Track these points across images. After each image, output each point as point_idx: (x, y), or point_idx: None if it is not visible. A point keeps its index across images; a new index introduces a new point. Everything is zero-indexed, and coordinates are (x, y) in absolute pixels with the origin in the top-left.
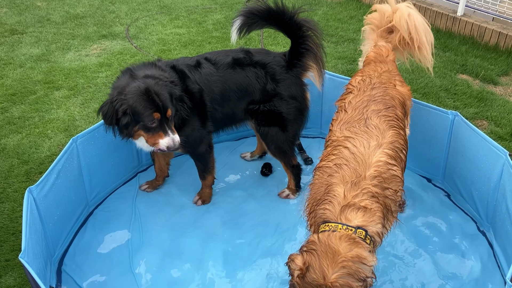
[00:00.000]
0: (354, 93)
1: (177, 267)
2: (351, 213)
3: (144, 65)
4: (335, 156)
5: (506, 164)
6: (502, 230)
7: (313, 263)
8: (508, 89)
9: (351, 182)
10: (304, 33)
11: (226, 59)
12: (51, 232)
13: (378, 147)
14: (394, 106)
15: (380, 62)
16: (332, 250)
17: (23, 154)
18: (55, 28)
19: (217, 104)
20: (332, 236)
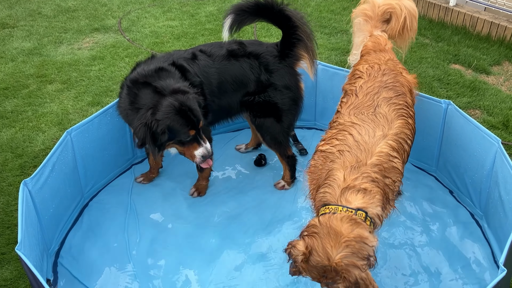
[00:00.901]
0: (364, 78)
1: (173, 257)
2: (351, 195)
3: (155, 72)
4: (338, 142)
5: (499, 151)
6: (495, 216)
7: (316, 246)
8: (500, 78)
9: (351, 167)
10: (294, 23)
11: (221, 51)
12: (47, 224)
13: (383, 137)
14: (404, 94)
15: (380, 51)
16: (334, 231)
17: (16, 148)
18: (47, 21)
19: (215, 96)
20: (333, 218)
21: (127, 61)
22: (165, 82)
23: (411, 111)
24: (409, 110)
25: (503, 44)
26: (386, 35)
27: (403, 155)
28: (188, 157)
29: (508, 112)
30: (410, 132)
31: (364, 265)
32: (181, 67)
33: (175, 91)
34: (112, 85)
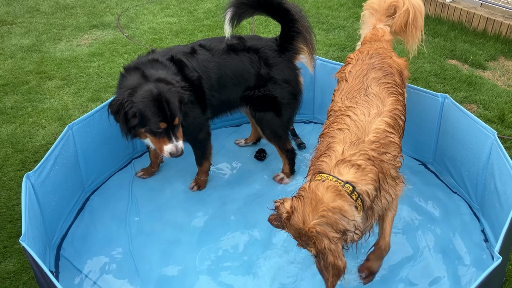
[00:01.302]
0: (352, 63)
1: (174, 250)
2: (344, 168)
3: (149, 62)
4: (337, 123)
5: (494, 143)
6: (490, 207)
7: (298, 207)
8: (496, 73)
9: (350, 142)
10: (293, 17)
11: (221, 45)
12: (49, 217)
13: (378, 115)
14: (392, 73)
15: (376, 41)
16: (317, 198)
17: (17, 143)
18: (45, 18)
19: (215, 91)
20: (320, 185)
21: (126, 58)
22: (155, 72)
23: (401, 90)
24: (398, 88)
25: (499, 40)
26: (389, 28)
27: (399, 130)
28: (157, 149)
29: (504, 106)
30: (403, 108)
31: (335, 238)
32: (179, 62)
33: (159, 80)
34: (111, 81)
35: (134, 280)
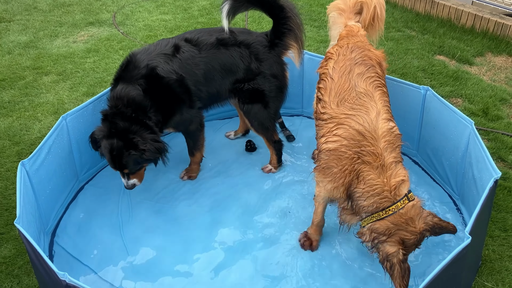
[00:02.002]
0: (334, 58)
1: (164, 236)
2: (399, 189)
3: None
4: (346, 141)
5: (472, 133)
6: (469, 195)
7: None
8: (482, 68)
9: (378, 166)
10: (286, 14)
11: (210, 38)
12: (44, 205)
13: (377, 115)
14: (373, 66)
15: (352, 36)
16: (411, 219)
17: (14, 136)
18: (42, 16)
19: (202, 85)
20: (406, 212)
21: (121, 54)
22: (122, 123)
23: (383, 81)
24: (381, 80)
25: (486, 36)
26: (360, 25)
27: (392, 116)
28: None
29: (488, 100)
30: (388, 98)
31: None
32: (154, 76)
33: (115, 134)
34: (106, 76)
35: (125, 265)
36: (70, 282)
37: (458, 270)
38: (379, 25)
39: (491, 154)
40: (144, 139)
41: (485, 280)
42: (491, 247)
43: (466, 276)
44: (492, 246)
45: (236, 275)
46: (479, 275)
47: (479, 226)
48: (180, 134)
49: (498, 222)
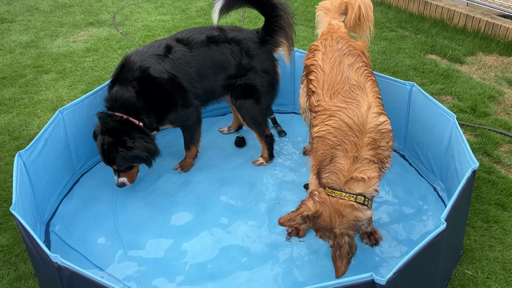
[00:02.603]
0: (321, 50)
1: (157, 227)
2: (353, 184)
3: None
4: (334, 129)
5: (454, 126)
6: (452, 187)
7: (324, 214)
8: (473, 67)
9: (353, 156)
10: (278, 13)
11: (200, 37)
12: (40, 195)
13: (368, 109)
14: (360, 55)
15: (333, 32)
16: (339, 211)
17: (13, 131)
18: (44, 16)
19: (196, 82)
20: (340, 203)
21: (119, 53)
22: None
23: (370, 68)
24: (369, 69)
25: (477, 36)
26: (343, 24)
27: (383, 108)
28: None
29: (477, 98)
30: (378, 89)
31: (353, 234)
32: (147, 77)
33: (107, 131)
34: (104, 74)
35: (120, 254)
36: (61, 264)
37: (435, 256)
38: (366, 25)
39: (478, 149)
40: (132, 138)
41: (465, 268)
42: (472, 237)
43: (445, 264)
44: (474, 236)
45: (226, 264)
46: (460, 264)
47: (458, 215)
48: (174, 130)
49: (480, 214)
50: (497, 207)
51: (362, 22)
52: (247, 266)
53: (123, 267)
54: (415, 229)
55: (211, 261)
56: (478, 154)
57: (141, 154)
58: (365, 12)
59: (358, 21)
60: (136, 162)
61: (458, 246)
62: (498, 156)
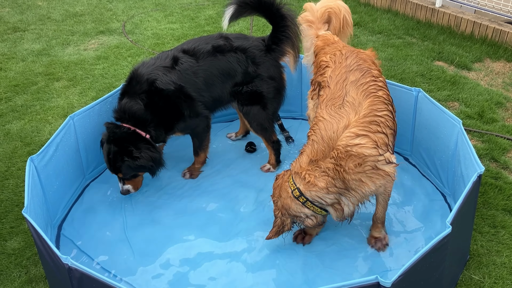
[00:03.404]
0: (331, 66)
1: (165, 232)
2: (297, 179)
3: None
4: (313, 133)
5: (460, 131)
6: (459, 192)
7: (279, 194)
8: (480, 74)
9: (311, 159)
10: (286, 23)
11: (206, 47)
12: (51, 199)
13: (345, 128)
14: (368, 69)
15: (332, 43)
16: (282, 193)
17: (25, 137)
18: (55, 25)
19: (204, 91)
20: (284, 184)
21: (129, 60)
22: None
23: (380, 82)
24: (377, 82)
25: (485, 42)
26: (330, 33)
27: (379, 129)
28: None
29: (484, 104)
30: (383, 103)
31: (285, 215)
32: (154, 90)
33: (114, 140)
34: (115, 81)
35: (128, 257)
36: (72, 265)
37: (440, 260)
38: (349, 30)
39: (485, 155)
40: (138, 149)
41: (472, 273)
42: (479, 243)
43: (452, 268)
44: (481, 241)
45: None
46: (466, 269)
47: (464, 220)
48: (183, 136)
49: (487, 219)
50: (504, 213)
51: (345, 28)
52: (254, 269)
53: (131, 270)
54: (422, 233)
55: (218, 265)
56: (486, 160)
57: (146, 164)
58: (348, 18)
59: (342, 29)
60: (141, 171)
61: (465, 251)
62: (505, 162)
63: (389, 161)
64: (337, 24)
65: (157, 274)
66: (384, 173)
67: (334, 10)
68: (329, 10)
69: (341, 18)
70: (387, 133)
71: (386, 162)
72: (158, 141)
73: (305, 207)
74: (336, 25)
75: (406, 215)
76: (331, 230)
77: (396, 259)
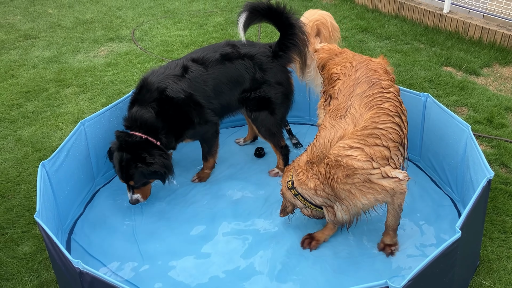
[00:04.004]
0: (341, 79)
1: (175, 237)
2: (294, 173)
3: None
4: (315, 138)
5: (469, 136)
6: (468, 197)
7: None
8: (489, 79)
9: (309, 161)
10: (294, 31)
11: (215, 55)
12: (62, 204)
13: (340, 138)
14: (377, 80)
15: (340, 53)
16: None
17: (36, 143)
18: (66, 32)
19: (213, 99)
20: (286, 173)
21: (138, 67)
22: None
23: (389, 93)
24: (385, 94)
25: (493, 48)
26: (326, 43)
27: (378, 142)
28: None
29: (493, 109)
30: (387, 115)
31: (287, 198)
32: (164, 97)
33: (125, 148)
34: (124, 88)
35: (137, 262)
36: (83, 269)
37: (450, 265)
38: (337, 35)
39: (494, 160)
40: (151, 155)
41: (482, 279)
42: (489, 248)
43: (462, 274)
44: (491, 247)
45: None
46: (477, 274)
47: (473, 225)
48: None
49: (498, 225)
50: None
51: (334, 34)
52: (261, 273)
53: (141, 275)
54: (431, 239)
55: (226, 270)
56: (495, 165)
57: (160, 170)
58: (334, 24)
59: (332, 36)
60: (153, 178)
61: (475, 256)
62: None
63: (386, 175)
64: (327, 33)
65: (166, 278)
66: (380, 188)
67: (321, 21)
68: (317, 22)
69: (329, 27)
70: (389, 146)
71: (382, 176)
72: (168, 148)
73: (297, 199)
74: (326, 34)
75: (414, 220)
76: (340, 236)
77: (406, 264)
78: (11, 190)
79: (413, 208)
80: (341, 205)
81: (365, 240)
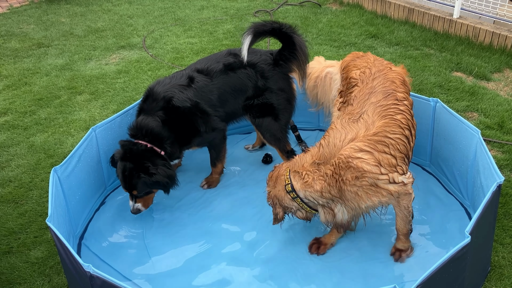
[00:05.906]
0: (359, 86)
1: (184, 242)
2: (295, 176)
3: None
4: (322, 138)
5: (479, 141)
6: (478, 203)
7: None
8: (500, 84)
9: (314, 160)
10: (295, 47)
11: (218, 66)
12: (73, 209)
13: (351, 140)
14: (393, 91)
15: (362, 56)
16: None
17: (49, 149)
18: (78, 41)
19: (218, 107)
20: (281, 177)
21: (149, 74)
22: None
23: (403, 106)
24: (399, 106)
25: (504, 53)
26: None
27: (386, 149)
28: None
29: (504, 114)
30: (398, 127)
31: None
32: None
33: (130, 157)
34: (135, 95)
35: (147, 267)
36: (94, 273)
37: (460, 270)
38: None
39: (505, 165)
40: (155, 165)
41: (493, 284)
42: (501, 254)
43: (472, 279)
44: (502, 253)
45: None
46: (487, 280)
47: (483, 230)
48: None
49: (509, 230)
50: None
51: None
52: (272, 278)
53: (151, 280)
54: (440, 244)
55: (234, 275)
56: (506, 170)
57: (162, 180)
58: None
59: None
60: (156, 187)
61: (486, 262)
62: None
63: (393, 181)
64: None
65: (176, 283)
66: (386, 192)
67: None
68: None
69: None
70: (395, 155)
71: (389, 182)
72: (172, 158)
73: (294, 202)
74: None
75: (424, 225)
76: (347, 240)
77: (415, 269)
78: (24, 195)
79: (422, 212)
80: (344, 206)
81: (374, 244)
